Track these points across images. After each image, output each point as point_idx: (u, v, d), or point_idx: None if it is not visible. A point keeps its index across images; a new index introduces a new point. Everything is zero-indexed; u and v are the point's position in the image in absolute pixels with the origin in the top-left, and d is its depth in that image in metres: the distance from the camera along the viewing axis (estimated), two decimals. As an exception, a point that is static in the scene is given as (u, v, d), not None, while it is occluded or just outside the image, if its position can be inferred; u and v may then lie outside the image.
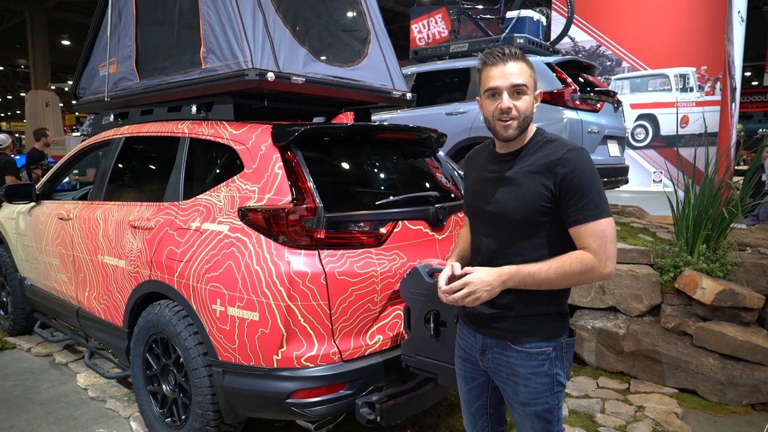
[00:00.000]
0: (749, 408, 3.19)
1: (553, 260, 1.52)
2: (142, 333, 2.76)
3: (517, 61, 1.57)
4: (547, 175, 1.53)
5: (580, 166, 1.51)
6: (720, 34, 8.61)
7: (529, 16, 5.33)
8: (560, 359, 1.63)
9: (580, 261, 1.50)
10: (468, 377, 1.80)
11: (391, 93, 3.30)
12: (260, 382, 2.28)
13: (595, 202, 1.50)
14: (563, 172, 1.51)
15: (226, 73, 2.68)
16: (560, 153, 1.53)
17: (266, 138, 2.47)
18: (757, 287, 3.56)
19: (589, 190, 1.50)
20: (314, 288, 2.22)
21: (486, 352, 1.69)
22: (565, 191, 1.51)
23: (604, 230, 1.50)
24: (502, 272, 1.53)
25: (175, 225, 2.65)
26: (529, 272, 1.51)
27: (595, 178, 1.52)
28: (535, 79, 1.61)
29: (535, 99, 1.60)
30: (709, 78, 8.80)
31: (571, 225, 1.52)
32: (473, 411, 1.84)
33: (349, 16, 3.30)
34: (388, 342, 2.46)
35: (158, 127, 3.10)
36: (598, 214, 1.50)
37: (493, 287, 1.52)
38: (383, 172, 2.82)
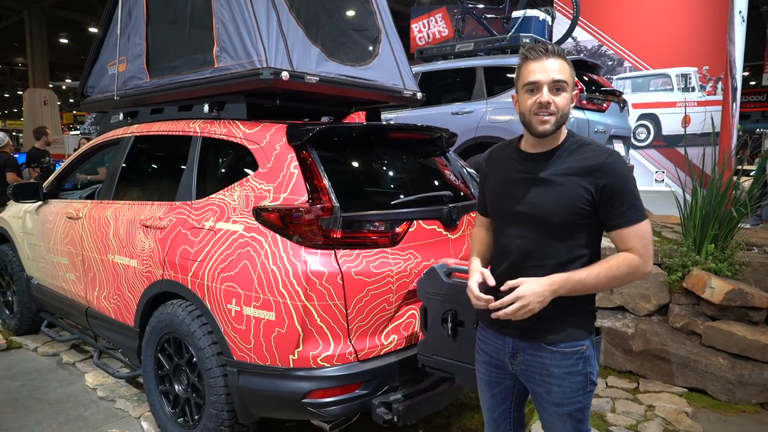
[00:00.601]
0: (758, 407, 3.20)
1: (599, 265, 1.55)
2: (154, 333, 2.75)
3: (558, 59, 1.57)
4: (588, 179, 1.54)
5: (621, 172, 1.55)
6: (722, 33, 8.63)
7: (535, 16, 5.34)
8: (592, 357, 1.64)
9: (628, 264, 1.54)
10: (493, 382, 1.78)
11: (402, 92, 3.29)
12: (276, 382, 2.27)
13: (636, 206, 1.56)
14: (605, 177, 1.53)
15: (239, 72, 2.67)
16: (601, 158, 1.55)
17: (281, 137, 2.47)
18: (765, 287, 3.57)
19: (630, 194, 1.55)
20: (331, 288, 2.22)
21: (517, 355, 1.67)
22: (608, 196, 1.54)
23: (645, 232, 1.56)
24: (553, 281, 1.52)
25: (188, 224, 2.65)
26: (579, 279, 1.53)
27: (634, 182, 1.58)
28: (574, 78, 1.60)
29: (572, 98, 1.60)
30: (710, 78, 8.82)
31: (614, 228, 1.56)
32: (497, 416, 1.83)
33: (359, 15, 3.30)
34: (403, 342, 2.45)
35: (169, 126, 3.09)
36: (639, 216, 1.55)
37: (545, 298, 1.52)
38: (396, 172, 2.82)
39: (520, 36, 5.13)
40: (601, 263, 1.55)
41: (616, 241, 1.58)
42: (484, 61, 5.28)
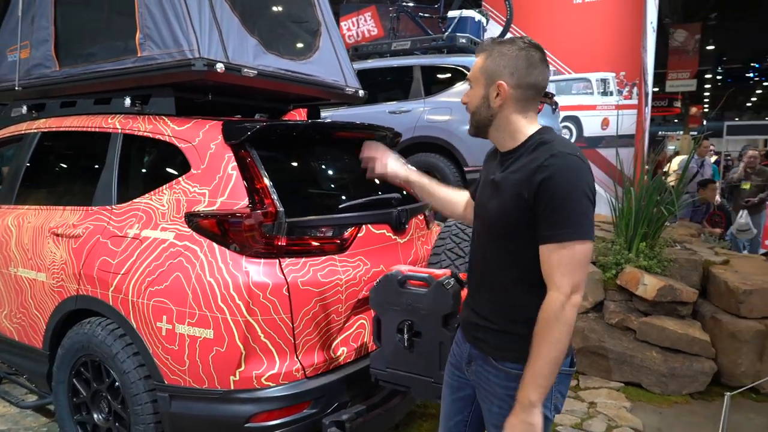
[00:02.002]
0: (689, 398, 3.34)
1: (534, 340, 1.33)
2: (67, 356, 2.43)
3: (478, 54, 1.48)
4: (527, 182, 1.34)
5: (558, 173, 1.29)
6: (637, 42, 9.17)
7: (470, 17, 5.35)
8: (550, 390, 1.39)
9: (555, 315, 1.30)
10: (455, 386, 1.67)
11: (345, 89, 3.14)
12: (215, 407, 2.05)
13: (566, 220, 1.29)
14: (539, 179, 1.31)
15: (167, 62, 2.41)
16: (543, 157, 1.33)
17: (216, 135, 2.24)
18: (690, 282, 3.75)
19: (563, 202, 1.29)
20: (276, 300, 2.03)
21: (471, 363, 1.58)
22: (538, 202, 1.31)
23: (572, 255, 1.28)
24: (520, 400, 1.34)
25: (108, 232, 2.35)
26: (532, 376, 1.32)
27: (574, 189, 1.29)
28: (487, 69, 1.42)
29: (494, 94, 1.40)
30: (627, 83, 9.33)
31: (541, 243, 1.33)
32: (451, 425, 1.72)
33: (298, 7, 3.10)
34: (353, 354, 2.31)
35: (83, 121, 2.76)
36: (569, 234, 1.28)
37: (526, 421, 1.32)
38: (341, 173, 2.67)
39: (456, 36, 5.13)
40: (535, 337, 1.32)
41: (541, 260, 1.33)
42: (421, 60, 5.23)
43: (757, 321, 3.38)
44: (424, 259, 2.81)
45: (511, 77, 1.40)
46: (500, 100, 1.41)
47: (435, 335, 1.95)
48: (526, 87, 1.41)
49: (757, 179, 6.56)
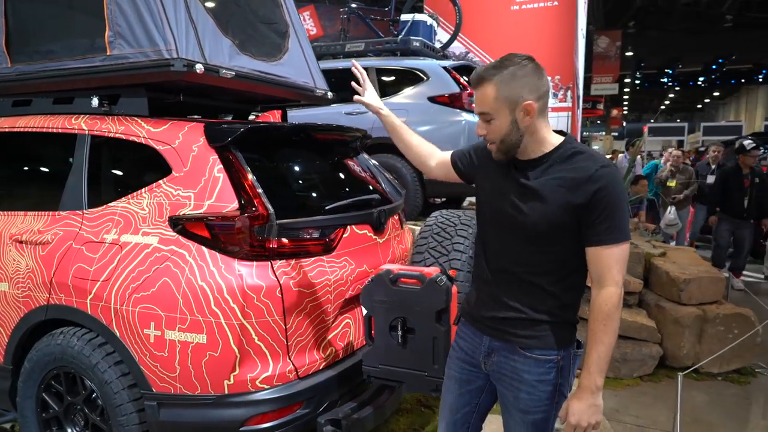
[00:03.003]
0: (639, 380, 3.62)
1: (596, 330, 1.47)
2: (36, 369, 2.30)
3: (483, 86, 1.50)
4: (577, 191, 1.46)
5: (611, 185, 1.45)
6: (570, 47, 9.70)
7: (423, 20, 5.47)
8: (567, 369, 1.59)
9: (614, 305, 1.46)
10: (463, 380, 1.74)
11: (315, 91, 3.15)
12: (208, 412, 2.03)
13: (619, 226, 1.45)
14: (594, 189, 1.44)
15: (141, 62, 2.33)
16: (592, 169, 1.46)
17: (197, 137, 2.21)
18: (635, 273, 4.05)
19: (616, 211, 1.45)
20: (269, 302, 2.03)
21: (491, 355, 1.65)
22: (593, 209, 1.45)
23: (623, 255, 1.46)
24: (587, 386, 1.48)
25: (82, 238, 2.25)
26: (594, 362, 1.47)
27: (624, 198, 1.50)
28: (510, 98, 1.47)
29: (523, 115, 1.47)
30: (561, 86, 9.84)
31: (592, 244, 1.46)
32: (457, 417, 1.79)
33: (267, 7, 3.08)
34: (341, 353, 2.34)
35: (42, 121, 2.61)
36: (620, 237, 1.45)
37: (595, 407, 1.48)
38: (322, 175, 2.68)
39: (410, 39, 5.23)
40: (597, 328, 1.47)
41: (591, 258, 1.48)
42: (376, 62, 5.29)
43: (695, 307, 3.72)
44: (401, 258, 2.88)
45: (531, 94, 1.47)
46: (529, 118, 1.48)
47: (429, 331, 2.03)
48: (543, 96, 1.50)
49: (682, 177, 7.12)
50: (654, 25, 22.87)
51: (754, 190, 5.94)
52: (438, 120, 4.88)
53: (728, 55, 24.46)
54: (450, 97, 4.85)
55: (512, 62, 1.48)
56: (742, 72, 26.96)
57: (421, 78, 5.07)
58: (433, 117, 4.91)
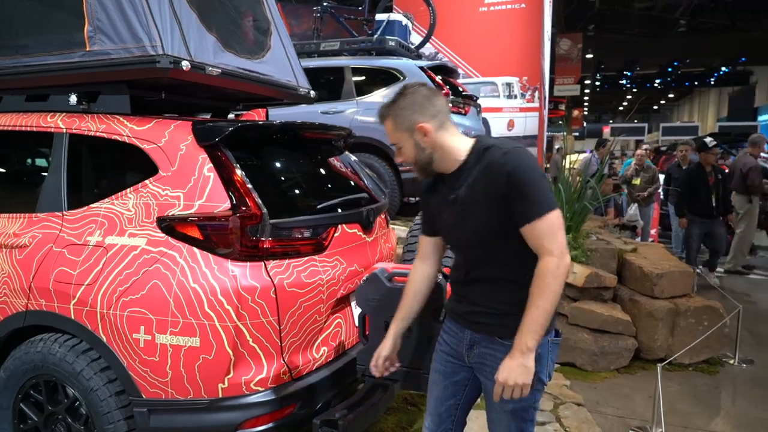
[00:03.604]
0: (616, 372, 3.73)
1: (531, 295, 1.52)
2: (13, 378, 2.20)
3: (384, 123, 1.68)
4: (494, 184, 1.55)
5: (518, 166, 1.53)
6: (537, 49, 9.90)
7: (398, 20, 5.50)
8: (545, 357, 1.64)
9: (550, 273, 1.50)
10: (448, 372, 1.80)
11: (298, 90, 3.12)
12: (202, 417, 1.98)
13: (538, 198, 1.51)
14: (505, 175, 1.52)
15: (124, 58, 2.26)
16: (499, 158, 1.55)
17: (185, 136, 2.16)
18: (609, 269, 4.17)
19: (530, 187, 1.51)
20: (264, 303, 2.00)
21: (473, 347, 1.72)
22: (511, 194, 1.53)
23: (552, 224, 1.52)
24: (518, 346, 1.53)
25: (63, 241, 2.17)
26: (528, 327, 1.51)
27: (534, 174, 1.54)
28: (406, 126, 1.62)
29: (421, 136, 1.61)
30: (529, 87, 10.03)
31: (521, 225, 1.53)
32: (442, 410, 1.84)
33: (248, 4, 3.03)
34: (333, 353, 2.33)
35: (13, 119, 2.50)
36: (543, 209, 1.51)
37: (525, 368, 1.52)
38: (311, 174, 2.66)
39: (386, 38, 5.25)
40: (532, 292, 1.52)
41: (527, 238, 1.55)
42: (352, 61, 5.29)
43: (668, 300, 3.85)
44: (389, 256, 2.89)
45: (423, 116, 1.61)
46: (428, 137, 1.61)
47: (426, 328, 2.04)
48: (437, 114, 1.62)
49: (645, 175, 7.37)
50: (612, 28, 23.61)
51: (720, 186, 5.99)
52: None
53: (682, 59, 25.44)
54: (427, 96, 4.88)
55: (402, 95, 1.65)
56: (695, 75, 28.10)
57: (398, 77, 5.10)
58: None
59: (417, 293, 1.87)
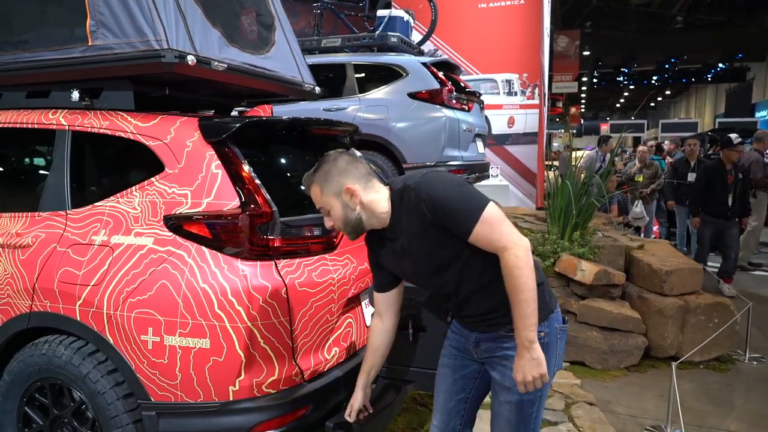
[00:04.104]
0: (625, 371, 3.68)
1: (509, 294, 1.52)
2: (18, 382, 2.15)
3: (311, 190, 1.72)
4: (420, 216, 1.57)
5: (426, 189, 1.56)
6: (537, 45, 9.85)
7: (399, 16, 5.44)
8: (553, 347, 1.64)
9: (515, 266, 1.49)
10: (457, 365, 1.80)
11: (303, 86, 3.07)
12: (212, 421, 1.93)
13: (463, 208, 1.53)
14: (422, 203, 1.56)
15: (128, 53, 2.20)
16: (409, 195, 1.59)
17: (191, 132, 2.10)
18: (616, 266, 4.13)
19: (448, 202, 1.53)
20: (275, 304, 1.95)
21: (480, 344, 1.73)
22: (436, 217, 1.55)
23: (490, 223, 1.52)
24: (521, 343, 1.52)
25: (67, 240, 2.11)
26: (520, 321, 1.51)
27: (446, 190, 1.56)
28: (333, 191, 1.66)
29: (349, 197, 1.65)
30: (529, 84, 9.98)
31: (465, 238, 1.55)
32: (451, 406, 1.83)
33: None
34: (344, 354, 2.28)
35: (13, 117, 2.44)
36: (474, 215, 1.52)
37: (537, 360, 1.51)
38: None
39: (388, 35, 5.19)
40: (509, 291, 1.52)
41: (478, 245, 1.56)
42: (354, 57, 5.23)
43: (677, 297, 3.81)
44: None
45: (348, 179, 1.66)
46: (356, 198, 1.65)
47: (441, 328, 1.98)
48: (362, 176, 1.68)
49: (648, 172, 7.33)
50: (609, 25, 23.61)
51: (739, 186, 5.56)
52: (418, 116, 4.87)
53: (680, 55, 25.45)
54: (430, 93, 4.84)
55: (325, 162, 1.70)
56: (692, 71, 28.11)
57: (400, 74, 5.04)
58: (413, 113, 4.89)
59: (378, 349, 1.90)
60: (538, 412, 1.70)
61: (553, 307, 1.69)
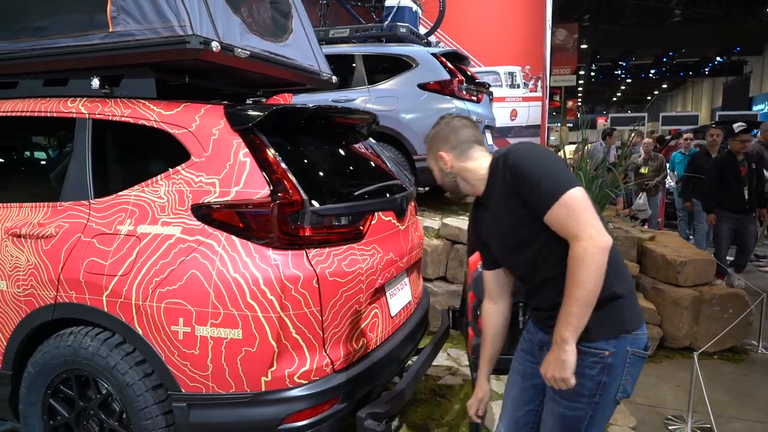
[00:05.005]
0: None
1: (566, 285, 1.43)
2: (43, 373, 2.12)
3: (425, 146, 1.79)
4: (506, 186, 1.54)
5: (515, 158, 1.52)
6: (540, 38, 9.85)
7: (408, 6, 5.39)
8: (620, 369, 1.49)
9: (579, 259, 1.38)
10: (527, 373, 1.73)
11: (321, 75, 3.03)
12: (244, 411, 1.91)
13: (546, 184, 1.44)
14: (507, 173, 1.52)
15: (150, 39, 2.15)
16: (500, 161, 1.56)
17: (217, 120, 2.07)
18: (629, 257, 4.12)
19: (533, 175, 1.46)
20: (306, 293, 1.93)
21: (543, 348, 1.64)
22: (519, 189, 1.50)
23: (570, 206, 1.41)
24: (555, 339, 1.45)
25: (92, 230, 2.08)
26: (565, 319, 1.42)
27: (535, 161, 1.48)
28: (431, 152, 1.75)
29: (442, 163, 1.72)
30: (532, 76, 9.97)
31: (542, 216, 1.46)
32: (519, 415, 1.76)
33: (269, -14, 2.93)
34: (371, 344, 2.26)
35: (30, 105, 2.39)
36: (555, 194, 1.42)
37: (565, 361, 1.43)
38: (344, 159, 2.57)
39: (397, 25, 5.15)
40: (566, 283, 1.43)
41: (553, 228, 1.46)
42: (363, 48, 5.18)
43: (692, 288, 3.81)
44: (419, 245, 2.82)
45: (444, 145, 1.71)
46: (447, 164, 1.70)
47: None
48: (458, 144, 1.69)
49: (653, 164, 7.34)
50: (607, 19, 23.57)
51: (753, 177, 5.29)
52: (428, 107, 4.83)
53: (677, 49, 25.48)
54: (441, 84, 4.81)
55: (435, 125, 1.77)
56: (689, 65, 28.16)
57: (410, 65, 5.00)
58: (423, 104, 4.85)
59: (496, 335, 1.83)
60: (589, 427, 1.54)
61: (630, 328, 1.51)
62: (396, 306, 2.49)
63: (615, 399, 1.53)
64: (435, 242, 4.29)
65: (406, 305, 2.60)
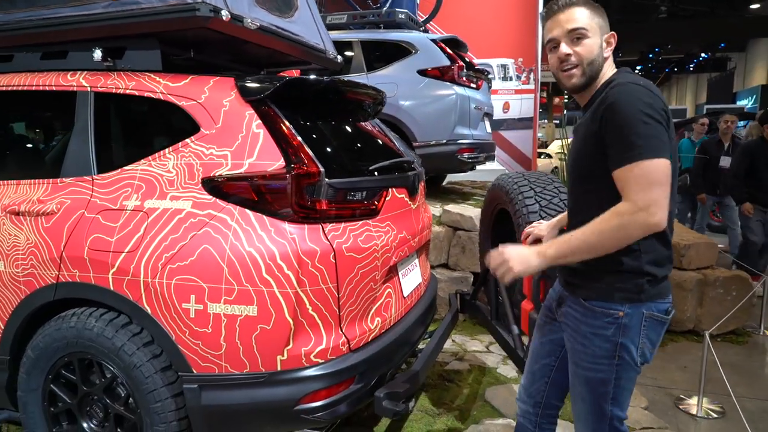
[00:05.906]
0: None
1: (590, 224, 1.37)
2: (44, 357, 2.02)
3: (575, 8, 1.49)
4: (594, 119, 1.41)
5: (617, 103, 1.35)
6: (532, 30, 9.79)
7: (406, -7, 5.32)
8: (635, 330, 1.45)
9: (617, 213, 1.32)
10: (545, 329, 1.73)
11: (327, 53, 2.95)
12: (259, 392, 1.84)
13: (628, 142, 1.32)
14: (602, 109, 1.38)
15: (157, 7, 2.06)
16: (607, 91, 1.41)
17: (228, 92, 1.99)
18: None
19: (622, 129, 1.33)
20: (323, 269, 1.86)
21: (561, 303, 1.64)
22: (603, 133, 1.38)
23: (643, 173, 1.30)
24: (539, 249, 1.45)
25: (95, 206, 1.99)
26: (563, 239, 1.42)
27: (634, 114, 1.33)
28: (600, 23, 1.50)
29: (607, 42, 1.50)
30: (524, 69, 9.94)
31: (612, 169, 1.36)
32: (537, 368, 1.77)
33: (273, -40, 2.84)
34: (386, 324, 2.20)
35: (28, 79, 2.29)
36: (632, 156, 1.31)
37: (528, 260, 1.43)
38: (356, 134, 2.49)
39: (396, 11, 5.08)
40: (593, 221, 1.37)
41: (616, 183, 1.37)
42: (361, 34, 5.11)
43: (695, 271, 3.81)
44: (429, 225, 2.76)
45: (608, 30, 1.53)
46: (610, 49, 1.52)
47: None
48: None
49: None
50: (595, 14, 23.64)
51: None
52: (428, 94, 4.77)
53: (663, 45, 25.70)
54: (440, 70, 4.75)
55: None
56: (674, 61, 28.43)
57: (409, 51, 4.93)
58: (423, 90, 4.79)
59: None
60: (617, 394, 1.50)
61: (644, 298, 1.45)
62: (408, 286, 2.43)
63: (635, 362, 1.48)
64: (437, 229, 4.24)
65: (416, 286, 2.54)
